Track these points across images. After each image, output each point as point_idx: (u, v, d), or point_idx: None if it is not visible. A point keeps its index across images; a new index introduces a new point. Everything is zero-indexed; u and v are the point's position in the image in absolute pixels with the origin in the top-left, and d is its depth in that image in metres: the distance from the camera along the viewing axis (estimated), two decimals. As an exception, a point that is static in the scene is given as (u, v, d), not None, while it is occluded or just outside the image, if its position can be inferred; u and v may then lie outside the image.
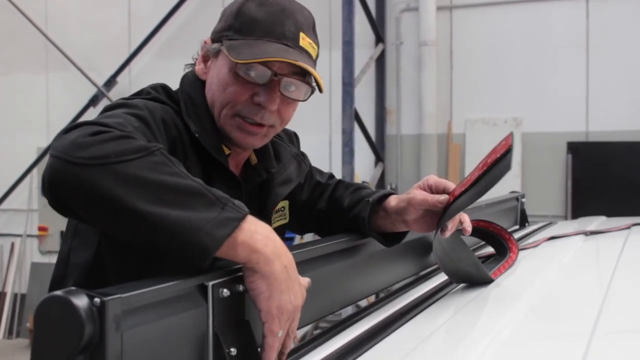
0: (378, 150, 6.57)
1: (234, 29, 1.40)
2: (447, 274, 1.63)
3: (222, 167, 1.38)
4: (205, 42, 1.46)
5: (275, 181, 1.54)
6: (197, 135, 1.36)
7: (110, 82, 7.46)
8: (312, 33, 1.45)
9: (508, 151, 1.30)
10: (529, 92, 6.15)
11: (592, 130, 6.01)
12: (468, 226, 1.53)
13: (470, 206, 2.03)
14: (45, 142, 7.70)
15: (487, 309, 1.45)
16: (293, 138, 1.72)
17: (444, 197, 1.44)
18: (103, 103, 7.37)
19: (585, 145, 6.00)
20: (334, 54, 6.17)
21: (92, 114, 7.38)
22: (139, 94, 1.42)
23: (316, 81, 1.39)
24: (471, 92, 6.37)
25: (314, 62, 1.43)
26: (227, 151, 1.43)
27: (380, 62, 6.64)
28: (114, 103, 1.31)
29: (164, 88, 1.46)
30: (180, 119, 1.38)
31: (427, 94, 6.36)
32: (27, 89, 8.01)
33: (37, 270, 7.73)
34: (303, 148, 1.73)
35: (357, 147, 5.79)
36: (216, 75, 1.42)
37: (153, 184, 1.02)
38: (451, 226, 1.46)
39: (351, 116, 5.64)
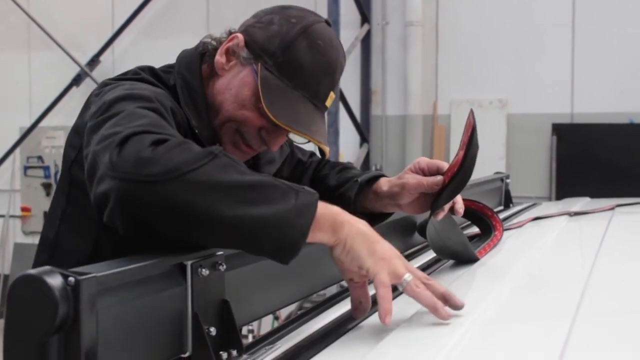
0: (363, 130, 6.55)
1: (275, 60, 1.35)
2: (434, 250, 1.63)
3: None
4: (237, 37, 1.39)
5: (261, 161, 1.54)
6: (196, 130, 1.35)
7: (94, 62, 7.39)
8: (338, 84, 1.45)
9: (473, 130, 1.32)
10: (514, 73, 6.15)
11: (577, 112, 6.02)
12: (460, 208, 1.52)
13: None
14: (27, 122, 7.63)
15: (471, 289, 1.45)
16: None
17: (439, 179, 1.43)
18: (86, 83, 7.30)
19: (570, 127, 6.01)
20: (320, 34, 6.12)
21: (74, 94, 7.32)
22: (125, 74, 1.38)
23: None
24: (457, 73, 6.36)
25: None
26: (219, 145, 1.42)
27: (366, 43, 6.61)
28: (118, 95, 1.23)
29: (151, 70, 1.42)
30: (177, 104, 1.35)
31: (412, 75, 6.34)
32: (9, 68, 7.92)
33: (20, 251, 7.67)
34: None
35: (341, 128, 5.78)
36: (236, 86, 1.38)
37: (230, 186, 1.01)
38: (446, 208, 1.45)
39: (336, 96, 5.61)
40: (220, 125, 1.39)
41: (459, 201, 1.52)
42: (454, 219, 1.56)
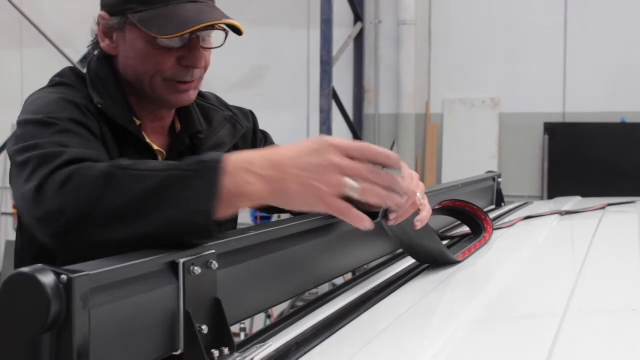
0: (356, 129, 6.55)
1: (136, 0, 1.40)
2: (411, 256, 1.61)
3: (134, 136, 1.41)
4: (100, 16, 1.49)
5: (205, 146, 1.54)
6: (99, 106, 1.39)
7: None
8: None
9: None
10: (507, 72, 6.16)
11: (569, 111, 6.04)
12: (417, 221, 1.40)
13: (447, 186, 2.03)
14: (19, 119, 7.60)
15: (462, 288, 1.45)
16: (249, 116, 1.71)
17: None
18: (79, 80, 7.27)
19: (562, 126, 6.03)
20: (312, 32, 6.13)
21: (67, 91, 7.29)
22: (49, 85, 1.46)
23: (233, 26, 1.40)
24: (449, 72, 6.37)
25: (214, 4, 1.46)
26: (137, 122, 1.45)
27: (359, 41, 6.61)
28: (28, 118, 1.29)
29: (72, 70, 1.52)
30: (87, 96, 1.41)
31: (405, 74, 6.35)
32: (1, 65, 7.89)
33: (12, 249, 7.61)
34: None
35: (334, 126, 5.77)
36: (131, 49, 1.43)
37: (132, 206, 1.02)
38: (395, 216, 1.35)
39: (329, 95, 5.62)
40: (150, 87, 1.43)
41: (422, 215, 1.41)
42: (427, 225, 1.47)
